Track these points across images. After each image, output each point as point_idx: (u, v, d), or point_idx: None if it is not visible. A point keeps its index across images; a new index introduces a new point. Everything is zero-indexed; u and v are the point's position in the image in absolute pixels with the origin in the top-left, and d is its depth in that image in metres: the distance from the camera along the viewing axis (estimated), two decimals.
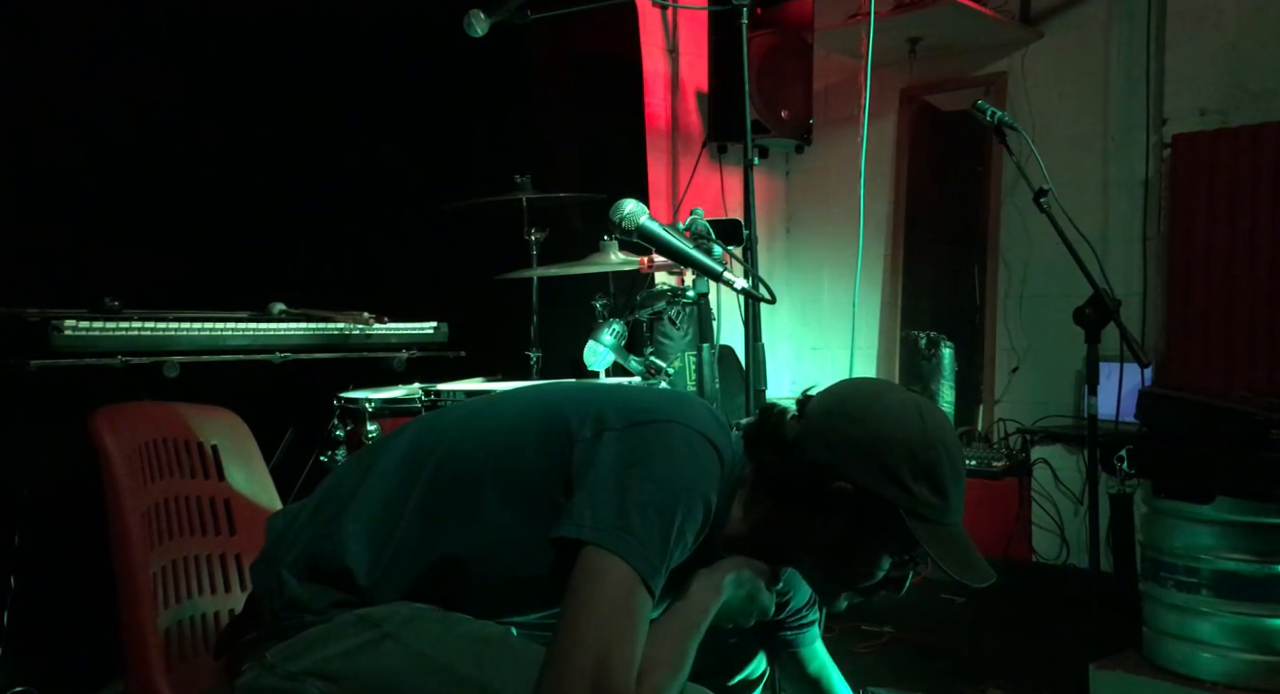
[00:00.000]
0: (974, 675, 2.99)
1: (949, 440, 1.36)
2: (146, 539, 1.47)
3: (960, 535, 1.37)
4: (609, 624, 1.18)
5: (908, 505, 1.32)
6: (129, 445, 1.50)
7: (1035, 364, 4.67)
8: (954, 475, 1.35)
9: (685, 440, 1.29)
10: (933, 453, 1.33)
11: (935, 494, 1.33)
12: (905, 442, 1.33)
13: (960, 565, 1.33)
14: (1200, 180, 4.12)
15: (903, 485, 1.32)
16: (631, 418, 1.31)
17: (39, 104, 2.75)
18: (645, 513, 1.22)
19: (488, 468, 1.34)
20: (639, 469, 1.24)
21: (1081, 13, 4.54)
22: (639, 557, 1.20)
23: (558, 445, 1.31)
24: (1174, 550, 2.68)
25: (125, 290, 2.46)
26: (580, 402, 1.38)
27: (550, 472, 1.30)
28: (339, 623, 1.29)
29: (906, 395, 1.40)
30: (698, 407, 1.39)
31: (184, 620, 1.51)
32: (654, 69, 4.57)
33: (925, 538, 1.31)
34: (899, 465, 1.32)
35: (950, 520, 1.35)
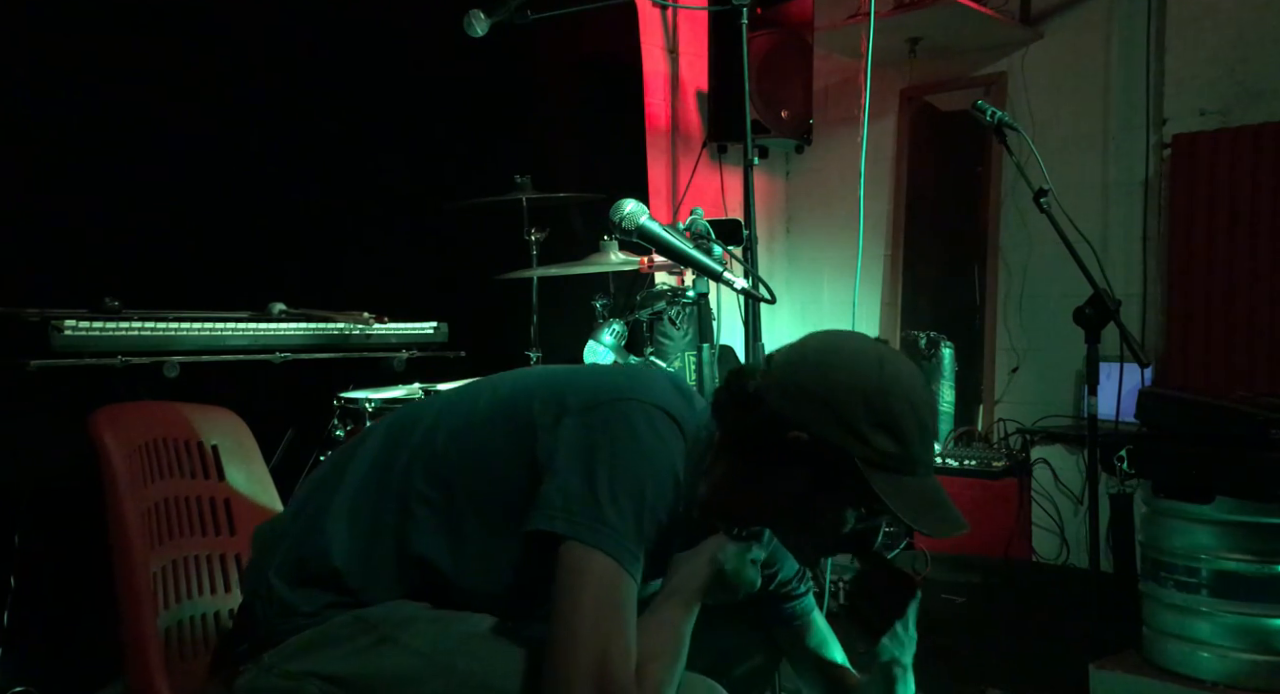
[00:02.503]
0: (974, 675, 2.99)
1: (911, 390, 1.32)
2: (146, 539, 1.47)
3: (926, 486, 1.33)
4: (602, 622, 1.18)
5: (864, 454, 1.28)
6: (129, 445, 1.50)
7: (1035, 364, 4.67)
8: (917, 425, 1.31)
9: (645, 417, 1.27)
10: (891, 401, 1.29)
11: (895, 443, 1.29)
12: (862, 390, 1.29)
13: (918, 515, 1.29)
14: (1200, 180, 4.12)
15: (859, 434, 1.28)
16: (590, 399, 1.30)
17: (39, 103, 2.74)
18: (616, 499, 1.21)
19: (460, 476, 1.33)
20: (602, 453, 1.23)
21: (1081, 13, 4.54)
22: (617, 546, 1.20)
23: (523, 438, 1.30)
24: (1174, 550, 2.68)
25: (125, 290, 2.46)
26: (544, 386, 1.37)
27: (520, 476, 1.28)
28: (336, 625, 1.29)
29: (869, 344, 1.36)
30: (657, 380, 1.38)
31: (184, 620, 1.52)
32: (654, 69, 4.57)
33: (882, 487, 1.28)
34: (855, 414, 1.28)
35: (914, 471, 1.31)
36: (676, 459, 1.29)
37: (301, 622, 1.30)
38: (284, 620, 1.31)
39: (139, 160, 2.89)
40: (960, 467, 4.48)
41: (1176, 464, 2.70)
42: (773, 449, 1.31)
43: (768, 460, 1.33)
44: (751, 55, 3.63)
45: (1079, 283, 2.78)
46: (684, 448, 1.31)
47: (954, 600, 3.87)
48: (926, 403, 1.33)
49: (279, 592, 1.32)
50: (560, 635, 1.18)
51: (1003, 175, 4.75)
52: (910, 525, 1.30)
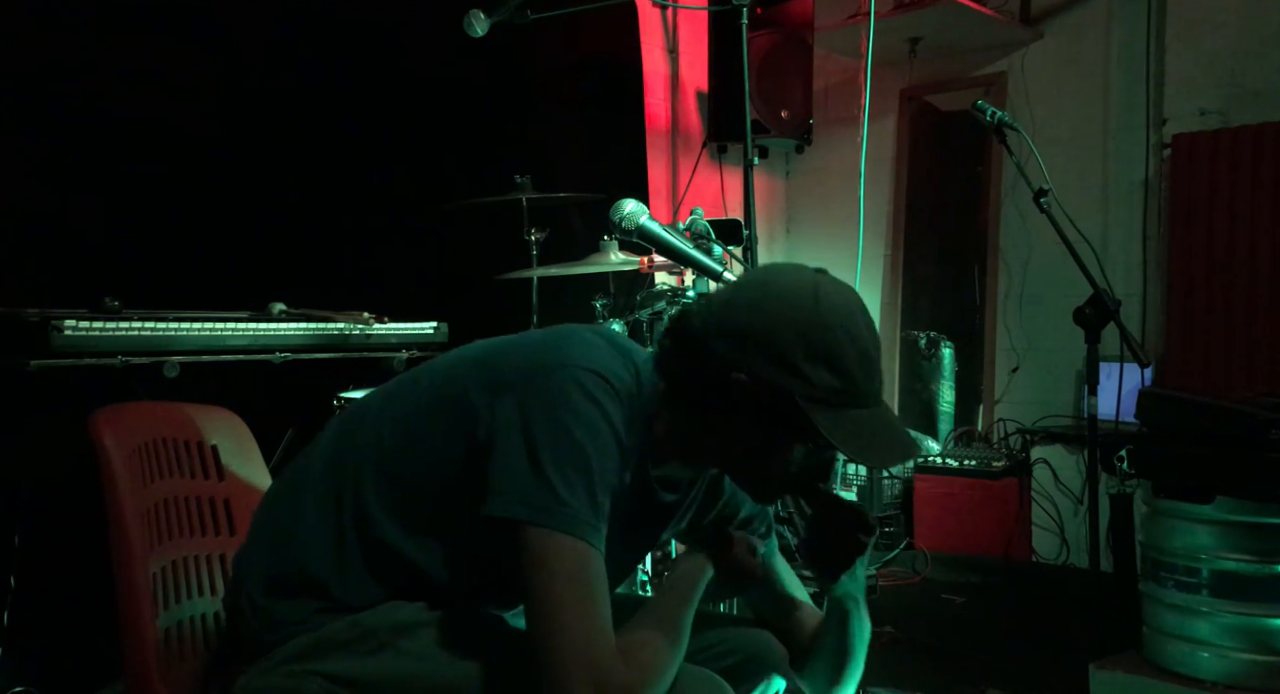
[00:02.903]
0: (974, 675, 2.99)
1: (849, 320, 1.28)
2: (145, 540, 1.47)
3: (873, 418, 1.30)
4: (580, 607, 1.18)
5: (803, 391, 1.26)
6: (128, 446, 1.50)
7: (1035, 364, 4.67)
8: (859, 357, 1.28)
9: (578, 385, 1.25)
10: (828, 334, 1.26)
11: (835, 376, 1.26)
12: (796, 324, 1.27)
13: (863, 449, 1.27)
14: (1200, 180, 4.12)
15: (796, 370, 1.26)
16: (523, 374, 1.27)
17: (39, 103, 2.74)
18: (565, 475, 1.20)
19: (409, 470, 1.32)
20: (542, 431, 1.21)
21: (1081, 13, 4.55)
22: (575, 523, 1.19)
23: (463, 423, 1.28)
24: (1174, 550, 2.67)
25: (125, 290, 2.46)
26: (477, 366, 1.35)
27: (466, 461, 1.26)
28: (333, 630, 1.29)
29: (804, 276, 1.33)
30: (589, 341, 1.34)
31: (183, 621, 1.51)
32: (654, 69, 4.57)
33: (823, 423, 1.25)
34: (791, 350, 1.26)
35: (860, 403, 1.28)
36: (616, 420, 1.26)
37: (292, 630, 1.29)
38: (273, 632, 1.30)
39: (139, 160, 2.89)
40: (960, 467, 4.49)
41: (1176, 464, 2.70)
42: (715, 392, 1.29)
43: (711, 404, 1.31)
44: (751, 55, 3.63)
45: (1079, 283, 2.78)
46: (621, 407, 1.28)
47: (954, 600, 3.87)
48: (867, 333, 1.30)
49: (264, 606, 1.31)
50: (543, 630, 1.18)
51: (1003, 175, 4.76)
52: (854, 460, 1.30)
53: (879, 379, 1.31)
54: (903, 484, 4.60)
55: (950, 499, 4.45)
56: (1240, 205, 4.02)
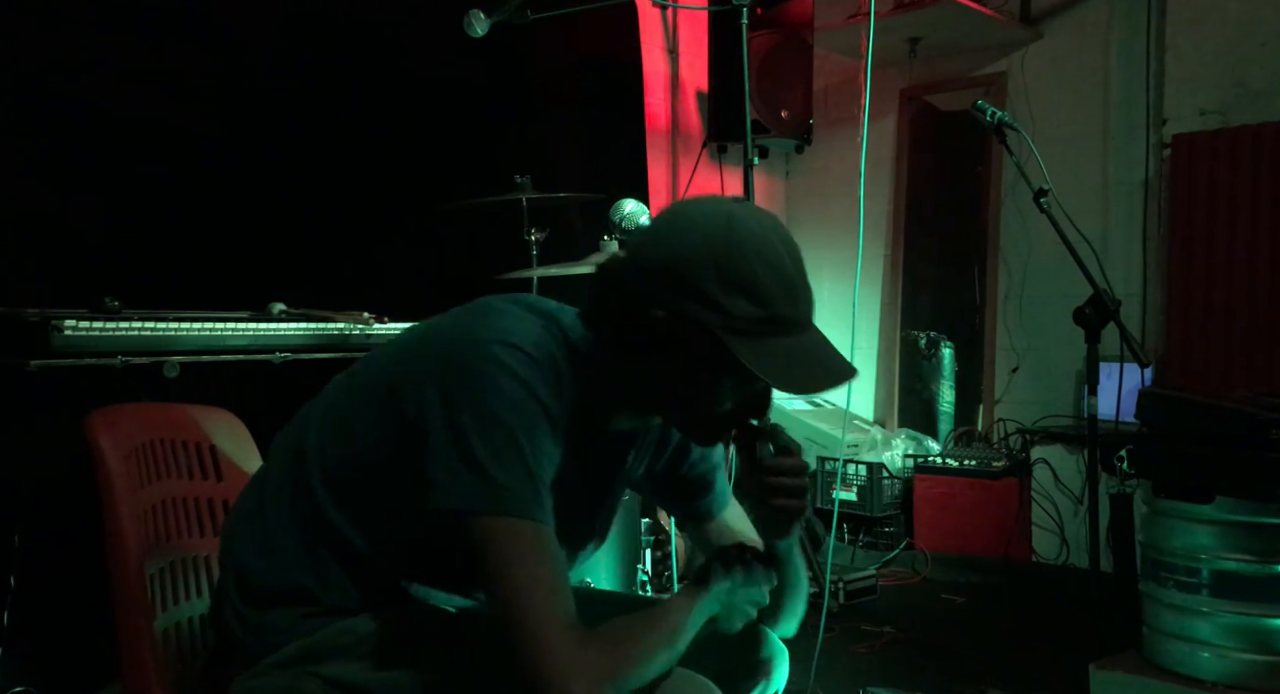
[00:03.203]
0: (974, 675, 2.99)
1: (766, 246, 1.24)
2: (142, 542, 1.46)
3: (802, 344, 1.26)
4: (532, 587, 1.17)
5: (722, 323, 1.22)
6: (125, 447, 1.49)
7: (1035, 364, 4.67)
8: (778, 284, 1.23)
9: (494, 360, 1.22)
10: (742, 262, 1.22)
11: (754, 305, 1.22)
12: (709, 254, 1.22)
13: (787, 377, 1.24)
14: (1200, 180, 4.12)
15: (713, 302, 1.22)
16: (439, 357, 1.25)
17: (40, 103, 2.74)
18: (496, 456, 1.18)
19: (355, 475, 1.31)
20: (465, 414, 1.19)
21: (1081, 13, 4.55)
22: (514, 504, 1.18)
23: (392, 417, 1.26)
24: (1174, 550, 2.67)
25: (125, 290, 2.46)
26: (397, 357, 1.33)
27: (404, 455, 1.24)
28: (326, 635, 1.28)
29: (718, 206, 1.28)
30: (504, 311, 1.32)
31: (182, 622, 1.51)
32: (654, 69, 4.57)
33: (743, 352, 1.21)
34: (706, 281, 1.22)
35: (783, 331, 1.25)
36: (538, 389, 1.23)
37: (283, 637, 1.29)
38: (263, 640, 1.29)
39: (139, 160, 2.89)
40: (960, 467, 4.49)
41: (1176, 464, 2.70)
42: (638, 333, 1.27)
43: (636, 346, 1.28)
44: (751, 55, 3.63)
45: (1079, 283, 2.78)
46: (542, 373, 1.24)
47: (954, 600, 3.87)
48: (787, 259, 1.25)
49: (251, 617, 1.31)
50: (503, 614, 1.18)
51: (1003, 175, 4.76)
52: (780, 388, 1.24)
53: (805, 305, 1.28)
54: (903, 484, 4.60)
55: (950, 499, 4.45)
56: (1240, 205, 4.02)
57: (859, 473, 4.51)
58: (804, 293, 1.27)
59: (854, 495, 4.52)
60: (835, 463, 4.57)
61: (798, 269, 1.26)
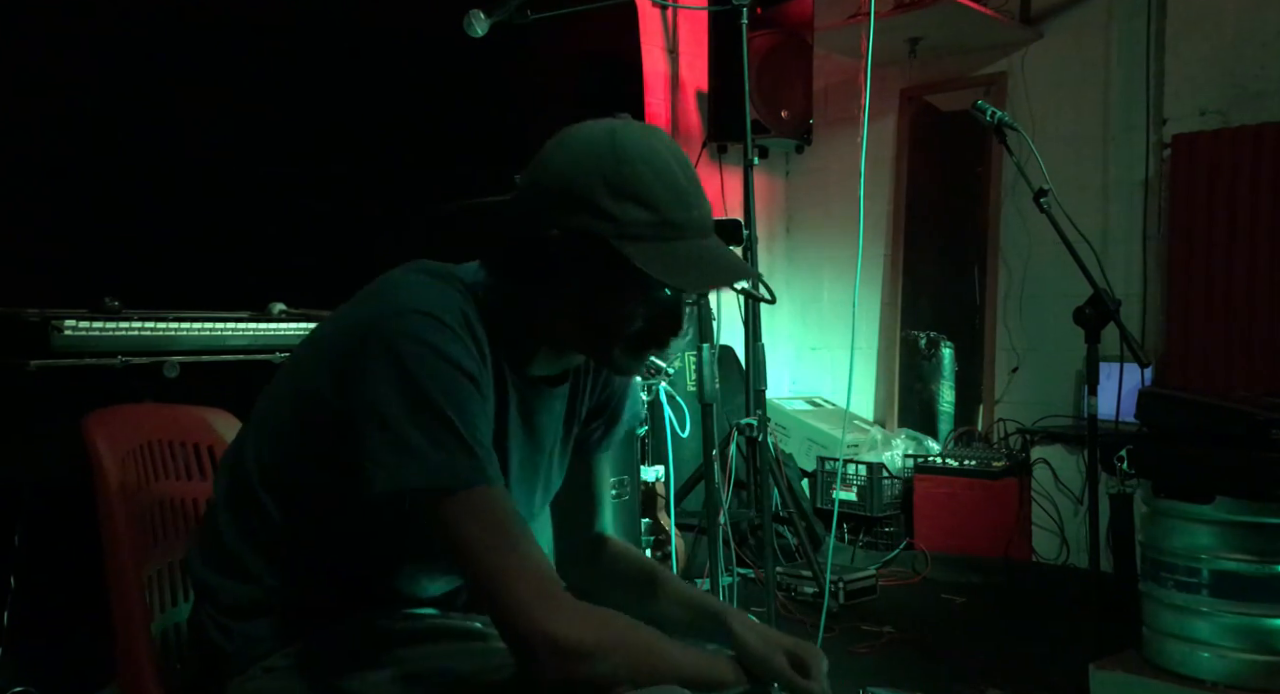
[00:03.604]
0: (974, 675, 2.99)
1: (650, 154, 1.24)
2: (140, 543, 1.46)
3: (694, 248, 1.25)
4: (497, 548, 1.17)
5: (614, 231, 1.22)
6: (122, 448, 1.49)
7: (1035, 364, 4.67)
8: (667, 188, 1.23)
9: (405, 334, 1.20)
10: (629, 169, 1.22)
11: (644, 210, 1.22)
12: (597, 167, 1.23)
13: (680, 275, 1.22)
14: (1200, 180, 4.12)
15: (604, 212, 1.22)
16: (351, 341, 1.23)
17: (40, 104, 2.74)
18: (427, 430, 1.16)
19: (299, 476, 1.30)
20: (387, 393, 1.17)
21: (1081, 13, 4.55)
22: (456, 473, 1.17)
23: (322, 417, 1.24)
24: (1174, 550, 2.67)
25: (125, 290, 2.46)
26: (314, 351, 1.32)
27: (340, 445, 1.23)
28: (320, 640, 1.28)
29: (600, 124, 1.28)
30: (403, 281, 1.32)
31: (180, 623, 1.51)
32: (654, 69, 4.57)
33: (637, 256, 1.21)
34: (594, 192, 1.22)
35: (676, 235, 1.24)
36: (453, 352, 1.21)
37: (271, 645, 1.29)
38: (252, 648, 1.29)
39: (139, 160, 2.89)
40: (960, 467, 4.49)
41: (1176, 464, 2.70)
42: (538, 260, 1.27)
43: (538, 274, 1.28)
44: (751, 55, 3.63)
45: (1079, 283, 2.78)
46: (454, 335, 1.23)
47: (954, 600, 3.87)
48: (675, 165, 1.25)
49: (236, 629, 1.30)
50: (477, 581, 1.17)
51: (1003, 175, 4.76)
52: (674, 286, 1.23)
53: (698, 210, 1.26)
54: (903, 484, 4.60)
55: (950, 499, 4.45)
56: (1240, 205, 4.02)
57: (859, 473, 4.51)
58: (695, 199, 1.26)
59: (854, 495, 4.52)
60: (835, 463, 4.57)
61: (688, 176, 1.26)
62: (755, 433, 3.29)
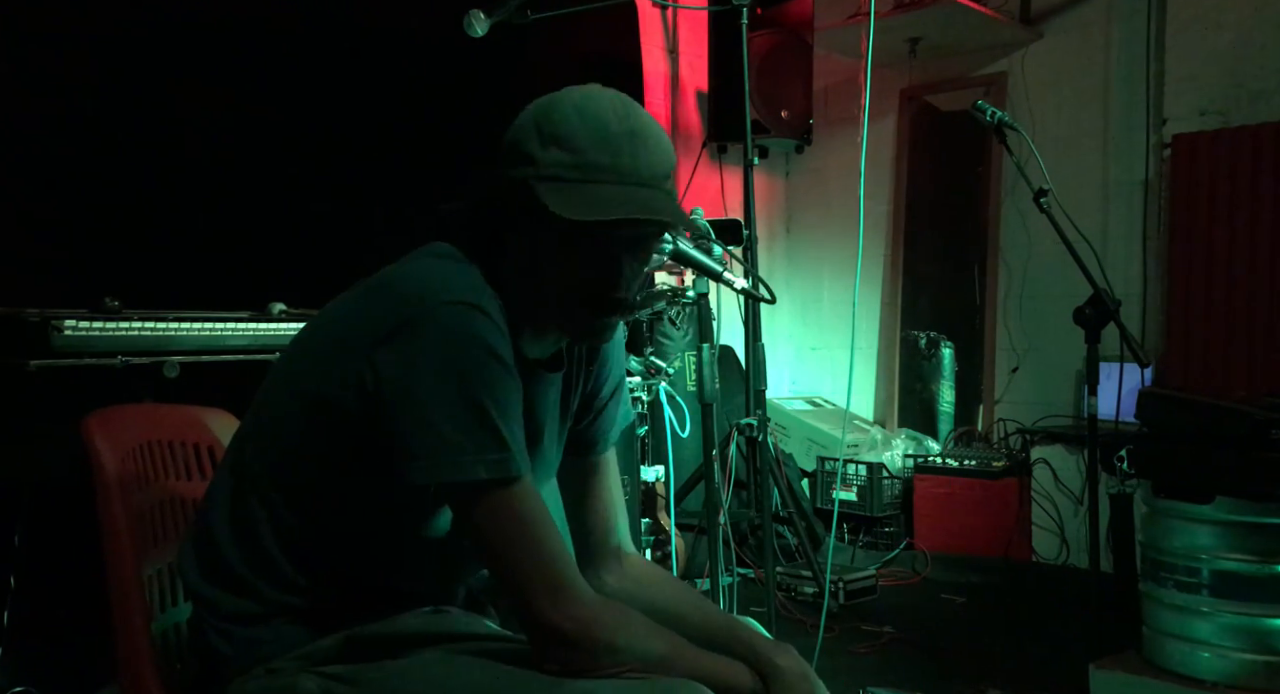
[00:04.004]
0: (974, 675, 2.99)
1: (587, 101, 1.23)
2: (139, 544, 1.46)
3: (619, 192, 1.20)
4: (526, 543, 1.17)
5: (534, 174, 1.21)
6: (122, 448, 1.49)
7: (1035, 364, 4.67)
8: (593, 131, 1.21)
9: (445, 320, 1.18)
10: (558, 114, 1.22)
11: (565, 152, 1.21)
12: (532, 116, 1.25)
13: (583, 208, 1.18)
14: (1200, 180, 4.12)
15: (529, 157, 1.22)
16: (381, 325, 1.20)
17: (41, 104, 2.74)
18: (467, 421, 1.15)
19: (312, 475, 1.28)
20: (429, 377, 1.16)
21: (1081, 13, 4.55)
22: (491, 465, 1.16)
23: (343, 415, 1.22)
24: (1174, 550, 2.68)
25: (125, 290, 2.46)
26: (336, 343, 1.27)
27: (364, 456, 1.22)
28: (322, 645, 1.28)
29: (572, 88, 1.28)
30: (433, 269, 1.29)
31: (180, 623, 1.51)
32: (654, 69, 4.57)
33: (548, 195, 1.19)
34: (527, 141, 1.23)
35: (601, 178, 1.21)
36: (494, 341, 1.19)
37: (273, 647, 1.28)
38: (254, 650, 1.28)
39: (139, 160, 2.89)
40: (960, 467, 4.49)
41: (1176, 464, 2.70)
42: (491, 220, 1.28)
43: (496, 237, 1.28)
44: (751, 55, 3.63)
45: (1079, 283, 2.78)
46: (490, 321, 1.20)
47: (954, 600, 3.87)
48: (610, 113, 1.22)
49: (239, 635, 1.29)
50: (502, 573, 1.18)
51: (1003, 175, 4.76)
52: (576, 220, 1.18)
53: (633, 158, 1.22)
54: (903, 484, 4.60)
55: (950, 499, 4.45)
56: (1240, 205, 4.02)
57: (859, 473, 4.51)
58: (631, 145, 1.22)
59: (854, 495, 4.52)
60: (835, 463, 4.57)
61: (624, 123, 1.23)
62: (755, 433, 3.29)
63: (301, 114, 3.26)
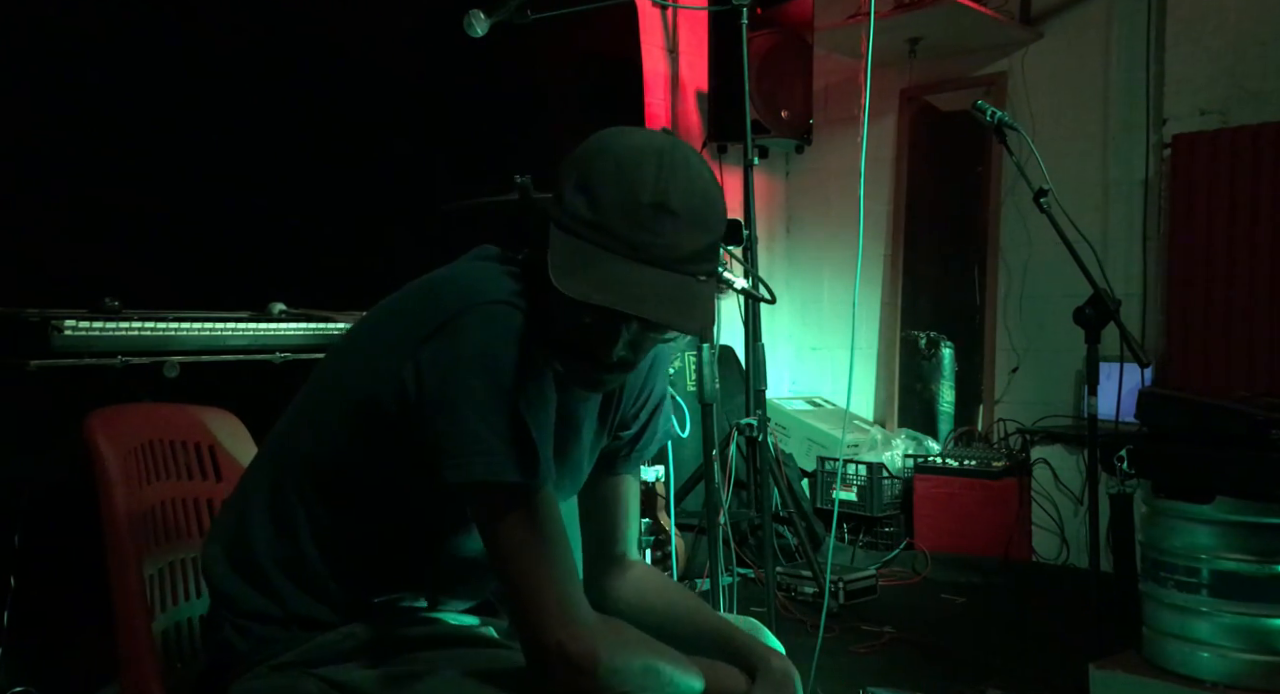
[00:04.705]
0: (974, 675, 2.99)
1: (635, 158, 1.15)
2: (140, 543, 1.46)
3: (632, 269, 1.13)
4: (537, 554, 1.16)
5: (556, 217, 1.16)
6: (124, 447, 1.49)
7: (1035, 364, 4.67)
8: (625, 199, 1.13)
9: (491, 325, 1.17)
10: (599, 164, 1.15)
11: (588, 207, 1.14)
12: (581, 155, 1.19)
13: (570, 276, 1.10)
14: (1200, 180, 4.12)
15: (559, 195, 1.18)
16: (427, 326, 1.19)
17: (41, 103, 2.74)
18: (499, 425, 1.14)
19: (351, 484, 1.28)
20: (471, 378, 1.15)
21: (1081, 13, 4.55)
22: (517, 470, 1.15)
23: (381, 409, 1.21)
24: (1174, 550, 2.68)
25: (125, 290, 2.45)
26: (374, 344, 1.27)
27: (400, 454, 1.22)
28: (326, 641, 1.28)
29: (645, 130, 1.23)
30: (483, 272, 1.26)
31: (181, 622, 1.51)
32: (654, 69, 4.57)
33: (555, 242, 1.13)
34: (566, 178, 1.18)
35: (613, 246, 1.13)
36: (530, 346, 1.18)
37: (284, 647, 1.29)
38: (263, 650, 1.29)
39: (138, 160, 2.89)
40: (960, 467, 4.49)
41: (1176, 464, 2.70)
42: (530, 240, 1.24)
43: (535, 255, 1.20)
44: (751, 55, 3.63)
45: (1079, 283, 2.78)
46: (529, 328, 1.19)
47: (954, 600, 3.87)
48: (652, 180, 1.14)
49: (256, 631, 1.29)
50: (507, 580, 1.17)
51: (1003, 175, 4.76)
52: (560, 287, 1.10)
53: (654, 236, 1.13)
54: (903, 484, 4.60)
55: (950, 499, 4.45)
56: (1240, 205, 4.02)
57: (859, 473, 4.51)
58: (656, 223, 1.14)
59: (854, 495, 4.52)
60: (835, 463, 4.57)
61: (658, 196, 1.14)
62: (755, 433, 3.29)
63: (302, 114, 3.26)
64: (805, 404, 5.18)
